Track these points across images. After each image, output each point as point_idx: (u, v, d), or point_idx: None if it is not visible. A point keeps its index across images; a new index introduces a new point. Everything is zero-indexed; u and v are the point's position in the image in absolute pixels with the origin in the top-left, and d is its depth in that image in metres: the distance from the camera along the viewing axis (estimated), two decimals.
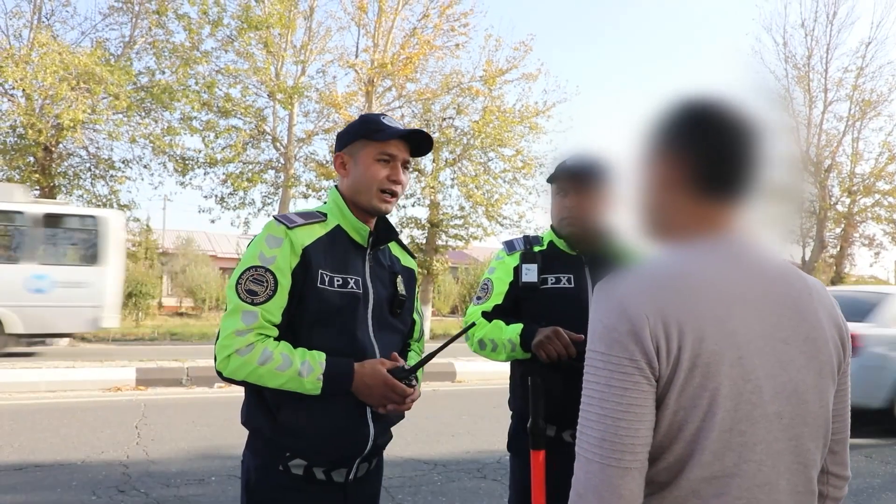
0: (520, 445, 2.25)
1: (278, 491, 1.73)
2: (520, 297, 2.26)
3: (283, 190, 17.16)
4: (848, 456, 1.22)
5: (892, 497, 4.93)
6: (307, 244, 1.74)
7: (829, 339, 1.10)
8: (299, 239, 1.73)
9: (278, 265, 1.70)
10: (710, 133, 1.11)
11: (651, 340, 0.99)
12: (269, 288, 1.68)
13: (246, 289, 1.68)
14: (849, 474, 1.23)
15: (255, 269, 1.69)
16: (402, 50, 16.84)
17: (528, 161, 18.54)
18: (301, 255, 1.72)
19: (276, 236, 1.72)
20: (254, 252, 1.72)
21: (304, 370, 1.64)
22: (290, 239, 1.72)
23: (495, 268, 2.36)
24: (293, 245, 1.72)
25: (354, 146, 1.85)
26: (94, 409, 7.38)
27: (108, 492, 4.53)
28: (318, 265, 1.73)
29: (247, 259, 1.72)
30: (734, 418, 1.01)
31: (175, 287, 30.39)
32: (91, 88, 13.08)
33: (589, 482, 1.01)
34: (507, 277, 2.30)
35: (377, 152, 1.81)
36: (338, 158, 1.88)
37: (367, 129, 1.83)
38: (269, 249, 1.71)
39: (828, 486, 1.20)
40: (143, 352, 13.20)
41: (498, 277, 2.32)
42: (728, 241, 1.10)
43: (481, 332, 2.24)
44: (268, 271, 1.69)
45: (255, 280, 1.68)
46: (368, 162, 1.81)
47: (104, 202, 15.87)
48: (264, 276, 1.68)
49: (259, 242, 1.74)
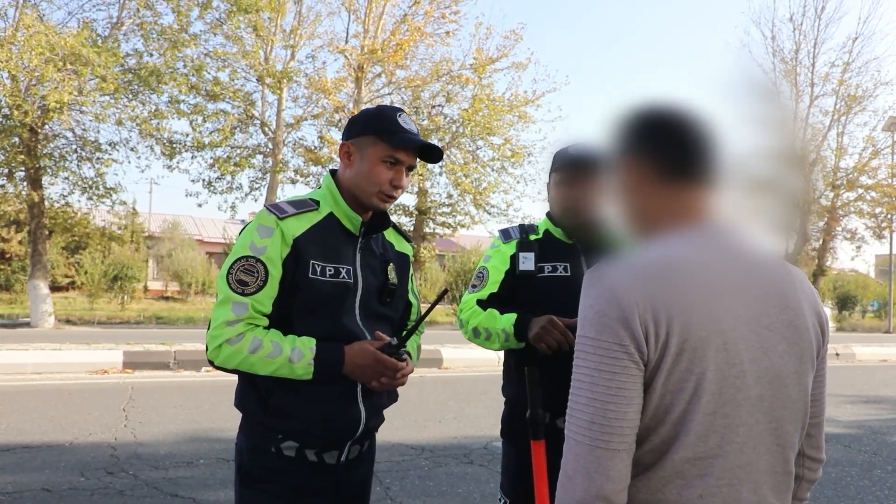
0: (512, 431, 2.29)
1: (271, 472, 1.76)
2: (516, 285, 2.27)
3: (270, 175, 17.10)
4: (823, 440, 1.27)
5: (868, 485, 5.06)
6: (298, 234, 1.74)
7: (810, 326, 1.15)
8: (290, 229, 1.74)
9: (269, 255, 1.70)
10: (667, 129, 1.19)
11: (640, 326, 1.04)
12: (259, 278, 1.69)
13: (237, 279, 1.69)
14: (823, 457, 1.28)
15: (245, 260, 1.70)
16: (393, 36, 16.79)
17: (517, 150, 18.59)
18: (292, 245, 1.73)
19: (267, 226, 1.73)
20: (245, 242, 1.73)
21: (294, 356, 1.67)
22: (280, 229, 1.72)
23: (491, 256, 2.36)
24: (284, 235, 1.72)
25: (364, 140, 1.82)
26: (81, 392, 7.38)
27: (97, 473, 4.56)
28: (310, 255, 1.74)
29: (238, 249, 1.73)
30: (718, 401, 1.05)
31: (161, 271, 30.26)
32: (77, 70, 12.93)
33: (578, 464, 1.05)
34: (504, 266, 2.30)
35: (385, 154, 1.80)
36: (344, 147, 1.85)
37: (381, 126, 1.81)
38: (260, 239, 1.72)
39: (803, 468, 1.25)
40: (130, 335, 13.18)
41: (494, 266, 2.32)
42: (711, 230, 1.16)
43: (476, 320, 2.25)
44: (258, 261, 1.70)
45: (245, 270, 1.69)
46: (375, 161, 1.80)
47: (90, 184, 15.74)
48: (255, 267, 1.69)
49: (250, 232, 1.74)
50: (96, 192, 15.87)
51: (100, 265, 22.06)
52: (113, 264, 22.24)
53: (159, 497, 4.16)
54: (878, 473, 5.39)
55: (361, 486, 1.93)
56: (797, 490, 1.26)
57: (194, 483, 4.44)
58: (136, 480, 4.45)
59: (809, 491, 1.29)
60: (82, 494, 4.15)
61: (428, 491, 4.49)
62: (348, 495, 1.87)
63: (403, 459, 5.14)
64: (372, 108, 1.89)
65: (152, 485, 4.37)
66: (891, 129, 23.42)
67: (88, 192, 15.84)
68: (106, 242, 19.17)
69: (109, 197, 16.07)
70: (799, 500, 1.27)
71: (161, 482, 4.43)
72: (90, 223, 16.90)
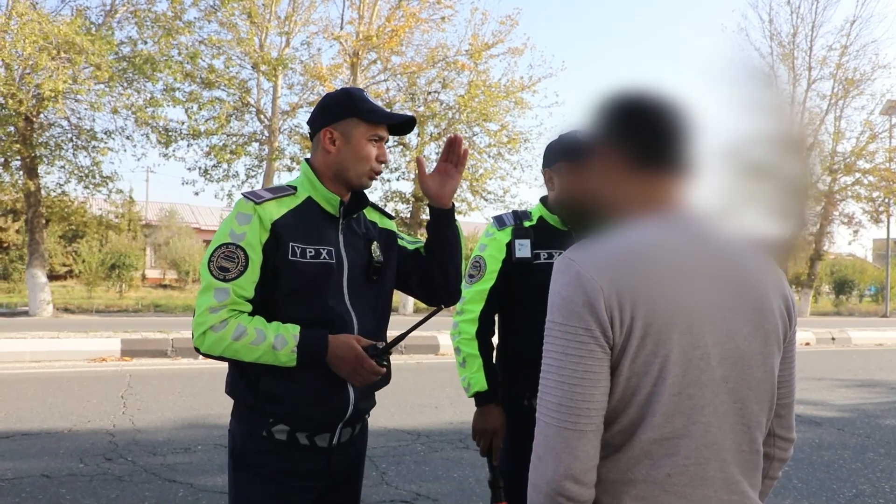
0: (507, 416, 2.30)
1: (263, 456, 1.79)
2: (513, 273, 2.26)
3: (267, 162, 17.09)
4: (793, 420, 1.30)
5: (861, 467, 5.11)
6: (276, 218, 1.77)
7: (776, 308, 1.18)
8: (268, 214, 1.77)
9: (248, 241, 1.74)
10: (638, 117, 1.21)
11: (605, 311, 1.07)
12: (240, 264, 1.72)
13: (217, 266, 1.72)
14: (794, 437, 1.31)
15: (225, 247, 1.74)
16: (388, 22, 16.70)
17: (514, 136, 18.56)
18: (270, 229, 1.76)
19: (245, 213, 1.76)
20: (224, 230, 1.77)
21: (277, 343, 1.69)
22: (258, 214, 1.75)
23: (486, 244, 2.34)
24: (262, 220, 1.75)
25: (346, 124, 1.85)
26: (79, 380, 7.43)
27: (96, 459, 4.61)
28: (289, 238, 1.77)
29: (218, 237, 1.77)
30: (683, 383, 1.08)
31: (158, 259, 30.28)
32: (72, 58, 12.88)
33: (547, 444, 1.09)
34: (500, 255, 2.28)
35: (370, 133, 1.84)
36: (326, 134, 1.86)
37: (358, 108, 1.84)
38: (238, 226, 1.75)
39: (774, 447, 1.28)
40: (128, 323, 13.22)
41: (490, 255, 2.30)
42: (678, 216, 1.18)
43: (468, 347, 2.29)
44: (238, 247, 1.73)
45: (226, 257, 1.73)
46: (362, 143, 1.84)
47: (86, 173, 15.71)
48: (235, 253, 1.73)
49: (230, 220, 1.78)
50: (92, 180, 15.84)
51: (97, 254, 22.08)
52: (110, 253, 22.27)
53: (157, 483, 4.21)
54: (870, 456, 5.45)
55: (354, 468, 1.96)
56: (768, 469, 1.29)
57: (192, 469, 4.49)
58: (135, 466, 4.50)
59: (781, 470, 1.32)
60: (81, 480, 4.20)
61: (424, 476, 4.54)
62: (341, 478, 1.90)
63: (399, 444, 5.19)
64: (338, 92, 1.93)
65: (150, 470, 4.42)
66: (888, 112, 23.39)
67: (85, 180, 15.82)
68: (103, 231, 19.13)
69: (106, 185, 16.05)
70: (770, 478, 1.30)
71: (159, 468, 4.48)
72: (87, 212, 16.88)
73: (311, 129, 1.92)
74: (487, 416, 2.27)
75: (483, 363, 2.29)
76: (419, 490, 4.26)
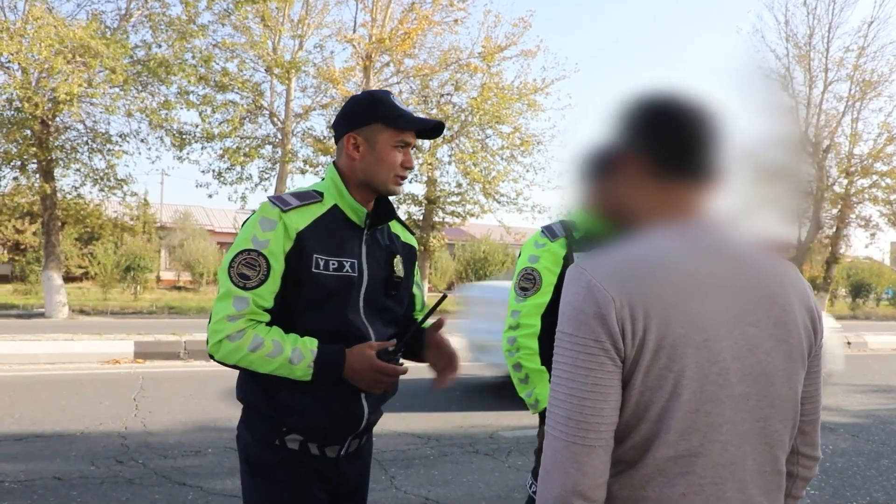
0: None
1: (277, 463, 1.78)
2: None
3: (280, 165, 17.12)
4: (819, 437, 1.25)
5: (875, 475, 5.04)
6: (301, 228, 1.72)
7: (800, 322, 1.13)
8: (294, 222, 1.71)
9: (271, 249, 1.68)
10: (662, 122, 1.17)
11: (617, 322, 1.03)
12: (261, 272, 1.67)
13: (238, 272, 1.67)
14: (819, 455, 1.26)
15: (247, 253, 1.68)
16: (401, 25, 16.70)
17: (526, 138, 18.47)
18: (295, 239, 1.70)
19: (269, 219, 1.71)
20: (247, 235, 1.71)
21: (294, 357, 1.66)
22: (283, 222, 1.70)
23: (539, 256, 2.23)
24: (287, 229, 1.70)
25: (371, 130, 1.79)
26: (92, 382, 7.48)
27: (107, 462, 4.63)
28: (313, 249, 1.72)
29: (240, 242, 1.71)
30: (700, 399, 1.04)
31: (173, 261, 30.46)
32: (87, 62, 12.97)
33: (555, 459, 1.05)
34: (556, 268, 2.20)
35: (396, 139, 1.79)
36: (349, 140, 1.80)
37: (383, 113, 1.79)
38: (262, 232, 1.69)
39: (798, 466, 1.24)
40: (142, 325, 13.30)
41: (545, 267, 2.20)
42: (698, 225, 1.14)
43: (530, 362, 2.18)
44: (260, 255, 1.68)
45: (247, 264, 1.68)
46: (387, 149, 1.79)
47: (101, 176, 15.81)
48: (257, 261, 1.68)
49: (253, 225, 1.72)
50: (107, 183, 15.92)
51: (112, 256, 22.23)
52: (125, 255, 22.41)
53: (168, 486, 4.22)
54: (885, 463, 5.37)
55: (361, 477, 1.96)
56: (791, 488, 1.24)
57: (202, 472, 4.50)
58: (146, 469, 4.52)
59: (804, 489, 1.28)
60: (92, 483, 4.22)
61: (433, 480, 4.52)
62: (348, 487, 1.89)
63: (409, 448, 5.17)
64: (363, 96, 1.86)
65: (161, 473, 4.44)
66: None
67: (100, 183, 15.90)
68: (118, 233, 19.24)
69: (121, 188, 16.12)
70: (794, 497, 1.26)
71: (170, 471, 4.49)
72: (102, 214, 16.98)
73: (336, 133, 1.87)
74: None
75: (546, 375, 2.18)
76: (428, 495, 4.24)
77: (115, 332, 11.17)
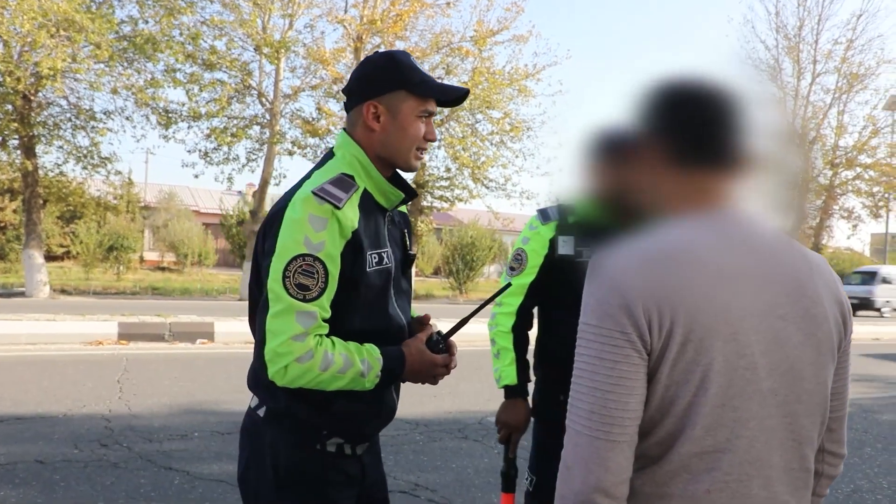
0: (541, 411, 2.32)
1: (314, 468, 1.65)
2: (554, 269, 2.22)
3: (268, 146, 16.96)
4: (845, 434, 1.22)
5: (858, 462, 5.08)
6: (357, 224, 1.55)
7: (830, 315, 1.09)
8: (348, 219, 1.52)
9: (328, 252, 1.49)
10: (686, 108, 1.12)
11: (643, 314, 0.99)
12: (320, 280, 1.49)
13: (296, 283, 1.47)
14: (844, 452, 1.23)
15: (302, 259, 1.47)
16: (392, 6, 16.53)
17: (516, 124, 18.44)
18: (352, 237, 1.53)
19: (320, 217, 1.49)
20: (296, 237, 1.49)
21: (365, 369, 1.53)
22: (337, 219, 1.50)
23: (529, 238, 2.28)
24: (342, 227, 1.51)
25: (393, 97, 1.62)
26: (75, 363, 7.38)
27: (91, 445, 4.56)
28: (367, 246, 1.57)
29: (288, 245, 1.49)
30: (727, 394, 1.01)
31: (157, 241, 30.21)
32: (71, 36, 12.72)
33: (577, 454, 1.02)
34: (543, 250, 2.23)
35: (420, 109, 1.63)
36: (369, 108, 1.62)
37: (407, 78, 1.62)
38: (315, 233, 1.48)
39: (823, 463, 1.21)
40: (125, 306, 13.16)
41: (533, 249, 2.24)
42: (725, 215, 1.10)
43: (502, 340, 2.29)
44: (317, 260, 1.48)
45: (304, 272, 1.48)
46: (411, 119, 1.63)
47: (85, 154, 15.59)
48: (314, 266, 1.48)
49: (300, 225, 1.49)
50: (91, 161, 15.73)
51: (95, 235, 21.98)
52: (108, 234, 22.17)
53: (153, 470, 4.16)
54: (868, 451, 5.42)
55: (377, 469, 1.86)
56: (816, 486, 1.21)
57: (188, 456, 4.44)
58: (130, 453, 4.45)
59: (828, 487, 1.25)
60: (76, 466, 4.15)
61: (422, 465, 4.50)
62: (371, 480, 1.80)
63: (398, 434, 5.14)
64: (382, 58, 1.67)
65: (146, 457, 4.37)
66: (891, 107, 23.27)
67: (83, 161, 15.70)
68: (101, 212, 19.05)
69: (104, 166, 15.94)
70: (818, 496, 1.22)
71: (155, 455, 4.43)
72: (85, 193, 16.79)
73: (350, 100, 1.68)
74: (513, 409, 2.29)
75: (516, 357, 2.29)
76: (418, 480, 4.21)
77: (98, 312, 11.04)
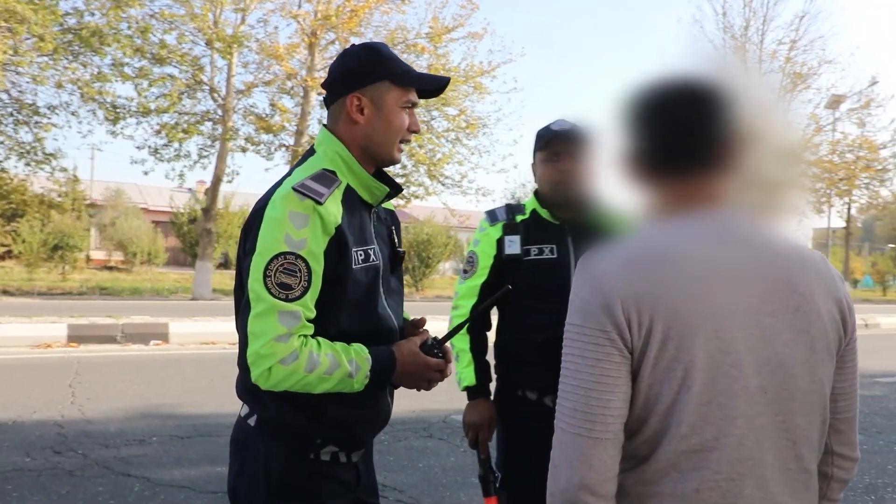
0: (502, 408, 2.34)
1: (309, 477, 1.60)
2: (504, 269, 2.25)
3: (220, 142, 16.62)
4: (856, 436, 1.19)
5: None
6: (340, 220, 1.51)
7: (825, 312, 1.08)
8: (331, 215, 1.49)
9: (310, 249, 1.46)
10: (663, 111, 1.12)
11: (622, 312, 1.01)
12: (303, 278, 1.45)
13: (277, 282, 1.43)
14: (857, 455, 1.20)
15: (283, 257, 1.44)
16: (347, 2, 16.36)
17: (472, 121, 18.48)
18: (334, 234, 1.49)
19: (301, 213, 1.46)
20: (276, 235, 1.45)
21: (353, 370, 1.49)
22: (319, 215, 1.47)
23: (479, 240, 2.32)
24: (324, 223, 1.47)
25: (377, 89, 1.59)
26: (23, 367, 7.12)
27: (44, 453, 4.40)
28: (351, 243, 1.52)
29: (269, 244, 1.45)
30: (712, 391, 1.01)
31: (104, 240, 29.39)
32: (13, 28, 12.24)
33: (563, 452, 1.03)
34: (491, 250, 2.28)
35: (404, 99, 1.61)
36: (353, 100, 1.59)
37: (390, 69, 1.59)
38: (296, 230, 1.45)
39: (832, 466, 1.18)
40: (73, 307, 12.73)
41: (482, 251, 2.30)
42: (710, 214, 1.10)
43: (459, 342, 2.32)
44: (299, 258, 1.44)
45: (286, 271, 1.44)
46: (395, 111, 1.60)
47: (28, 150, 15.04)
48: (296, 265, 1.44)
49: (281, 222, 1.45)
50: (34, 157, 15.18)
51: (39, 234, 21.21)
52: (53, 233, 21.42)
53: (111, 477, 4.04)
54: None
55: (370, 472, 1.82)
56: (827, 490, 1.19)
57: (147, 462, 4.33)
58: (86, 460, 4.31)
59: (842, 492, 1.22)
60: (28, 476, 4.00)
61: (388, 466, 4.47)
62: (364, 485, 1.77)
63: None
64: (362, 50, 1.64)
65: (103, 464, 4.24)
66: (832, 106, 24.15)
67: (26, 157, 15.15)
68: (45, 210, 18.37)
69: (49, 163, 15.41)
70: (830, 500, 1.20)
71: (112, 461, 4.30)
72: (28, 190, 16.22)
73: (331, 93, 1.65)
74: (476, 409, 2.32)
75: (473, 358, 2.32)
76: (384, 481, 4.18)
77: (45, 314, 10.66)
